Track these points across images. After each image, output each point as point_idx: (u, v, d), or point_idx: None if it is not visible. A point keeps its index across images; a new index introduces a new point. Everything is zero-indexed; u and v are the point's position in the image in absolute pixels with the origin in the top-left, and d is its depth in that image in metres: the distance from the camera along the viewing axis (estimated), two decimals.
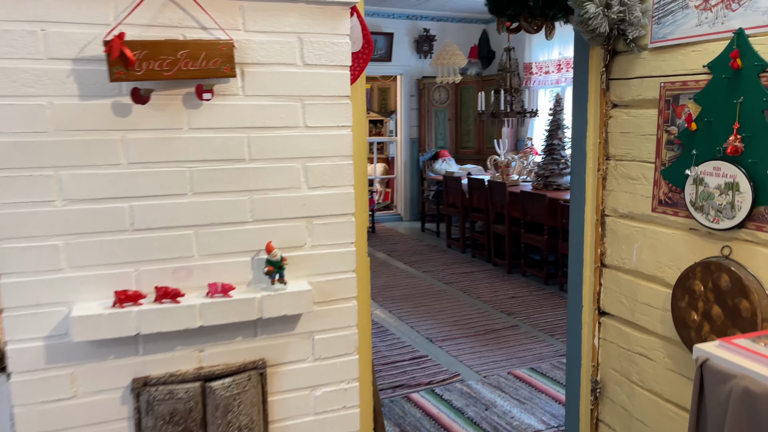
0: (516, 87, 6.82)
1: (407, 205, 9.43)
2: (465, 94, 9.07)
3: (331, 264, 1.74)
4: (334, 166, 1.72)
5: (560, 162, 6.13)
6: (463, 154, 9.18)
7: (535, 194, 5.77)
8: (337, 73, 1.69)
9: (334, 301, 1.76)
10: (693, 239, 2.17)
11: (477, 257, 6.91)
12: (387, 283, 5.93)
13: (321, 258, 1.73)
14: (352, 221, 1.77)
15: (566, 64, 7.76)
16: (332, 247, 1.74)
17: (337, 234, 1.74)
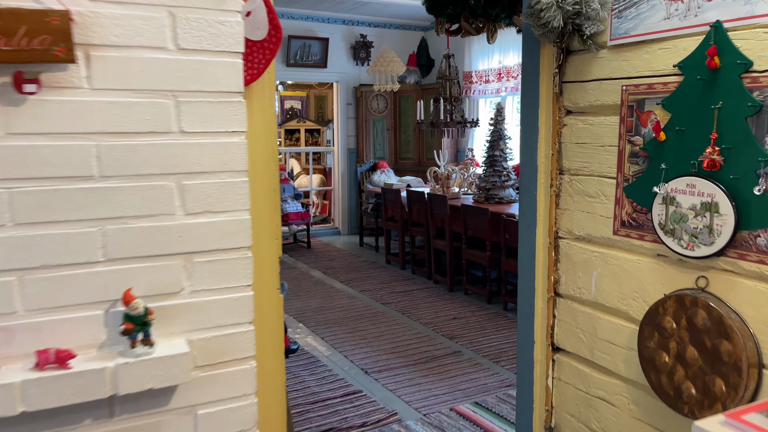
0: (456, 96, 6.54)
1: (345, 219, 9.02)
2: (404, 102, 8.77)
3: (219, 314, 1.32)
4: (223, 185, 1.30)
5: (502, 174, 5.88)
6: (403, 165, 8.87)
7: (476, 208, 5.48)
8: (225, 62, 1.28)
9: (223, 363, 1.33)
10: (662, 268, 1.86)
11: (417, 274, 6.56)
12: (321, 305, 5.49)
13: (205, 307, 1.31)
14: (249, 257, 1.35)
15: (507, 72, 7.57)
16: (221, 292, 1.32)
17: (227, 274, 1.32)
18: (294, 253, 7.81)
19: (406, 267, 6.84)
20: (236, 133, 1.31)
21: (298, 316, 5.15)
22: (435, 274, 6.20)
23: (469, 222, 5.60)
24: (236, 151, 1.30)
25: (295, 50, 8.25)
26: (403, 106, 8.79)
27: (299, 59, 8.31)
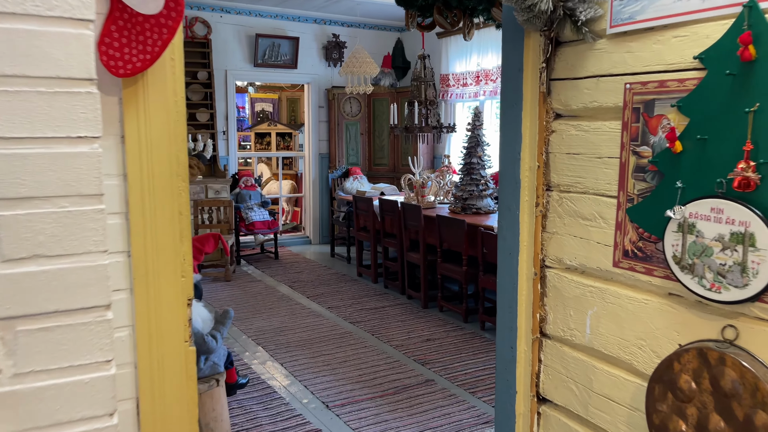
0: (432, 99, 6.17)
1: (316, 227, 8.59)
2: (378, 106, 8.38)
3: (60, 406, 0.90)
4: (62, 217, 0.89)
5: (480, 183, 5.51)
6: (377, 171, 8.47)
7: (452, 219, 5.10)
8: (64, 35, 0.87)
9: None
10: (676, 311, 1.48)
11: (390, 288, 6.16)
12: (284, 325, 5.06)
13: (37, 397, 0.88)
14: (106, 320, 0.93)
15: (485, 75, 7.22)
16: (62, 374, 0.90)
17: (72, 348, 0.90)
18: (260, 264, 7.36)
19: (379, 280, 6.43)
20: (84, 140, 0.89)
21: (258, 338, 4.71)
22: (408, 289, 5.81)
23: (444, 234, 5.23)
24: (84, 167, 0.89)
25: (264, 50, 7.82)
26: (377, 109, 8.40)
27: (268, 59, 7.87)
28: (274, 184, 9.32)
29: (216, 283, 6.45)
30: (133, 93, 1.29)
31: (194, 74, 7.48)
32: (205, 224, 6.81)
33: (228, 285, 6.39)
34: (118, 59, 1.21)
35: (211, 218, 6.82)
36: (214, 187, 7.16)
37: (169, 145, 1.32)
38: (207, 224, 6.82)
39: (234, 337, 4.75)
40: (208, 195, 7.12)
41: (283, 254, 7.92)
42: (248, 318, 5.25)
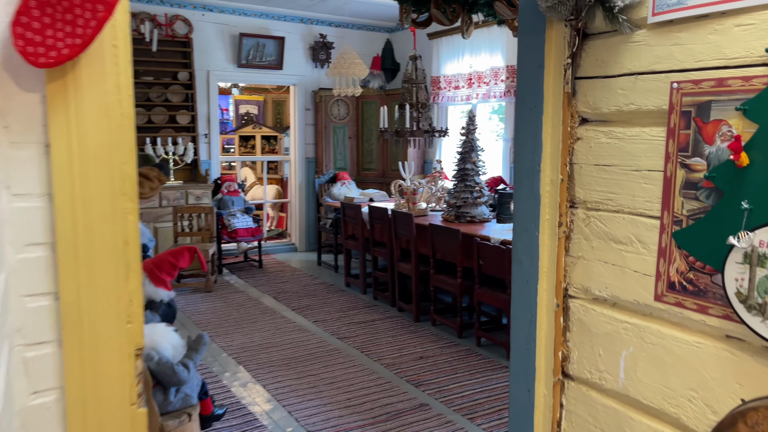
0: (423, 102, 5.91)
1: (302, 234, 8.30)
2: (367, 109, 8.11)
3: None
4: None
5: (474, 190, 5.25)
6: (365, 176, 8.20)
7: (446, 228, 4.83)
8: None
9: None
10: (738, 359, 1.22)
11: (380, 300, 5.88)
12: (268, 341, 4.76)
13: None
14: None
15: (478, 78, 6.98)
16: None
17: None
18: (243, 273, 7.05)
19: (368, 291, 6.15)
20: None
21: (239, 356, 4.41)
22: (399, 301, 5.53)
23: (437, 244, 4.96)
24: None
25: (248, 49, 7.52)
26: (366, 112, 8.13)
27: (252, 59, 7.57)
28: (259, 189, 9.01)
29: (196, 295, 6.13)
30: (60, 88, 1.01)
31: (174, 75, 7.16)
32: (185, 232, 6.49)
33: (209, 296, 6.07)
34: (38, 44, 0.93)
35: (192, 226, 6.50)
36: (195, 193, 6.84)
37: (110, 155, 1.04)
38: (187, 232, 6.50)
39: (213, 355, 4.45)
40: (189, 201, 6.80)
41: (267, 262, 7.61)
42: (229, 333, 4.94)
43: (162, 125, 7.07)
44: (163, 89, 7.09)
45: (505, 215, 5.15)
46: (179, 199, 6.76)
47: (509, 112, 6.69)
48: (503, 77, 6.64)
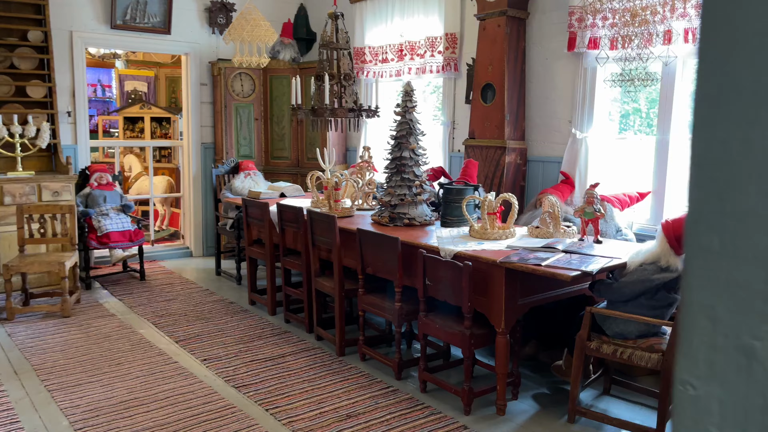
0: (347, 72, 4.68)
1: (198, 236, 6.87)
2: (277, 85, 6.78)
3: None
4: None
5: (413, 184, 4.10)
6: (276, 166, 6.87)
7: (379, 236, 3.65)
8: None
9: None
10: None
11: (293, 325, 4.63)
12: (133, 397, 3.42)
13: None
14: None
15: (411, 49, 5.82)
16: None
17: None
18: (119, 289, 5.57)
19: (278, 312, 4.88)
20: None
21: (85, 424, 3.04)
22: (318, 327, 4.30)
23: (368, 255, 3.77)
24: None
25: (124, 7, 5.99)
26: (276, 89, 6.79)
27: (130, 20, 6.05)
28: (146, 181, 7.47)
29: (47, 322, 4.64)
30: None
31: (23, 34, 5.54)
32: (35, 239, 4.95)
33: (65, 324, 4.60)
34: None
35: (45, 230, 4.97)
36: (52, 187, 5.29)
37: None
38: (38, 239, 4.96)
39: (49, 423, 3.07)
40: (42, 197, 5.25)
41: (154, 272, 6.15)
42: (81, 384, 3.55)
43: (5, 98, 5.44)
44: (7, 52, 5.45)
45: (451, 217, 4.03)
46: (29, 195, 5.19)
47: (448, 89, 5.58)
48: (441, 48, 5.52)
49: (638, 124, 4.58)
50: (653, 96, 4.37)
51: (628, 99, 4.59)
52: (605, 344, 2.99)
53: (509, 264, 3.00)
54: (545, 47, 4.72)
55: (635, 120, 4.60)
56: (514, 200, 3.63)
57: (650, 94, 4.38)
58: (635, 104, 4.59)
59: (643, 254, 2.98)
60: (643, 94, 4.42)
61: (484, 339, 3.22)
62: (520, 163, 4.80)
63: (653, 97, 4.38)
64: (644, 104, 4.56)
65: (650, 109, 4.43)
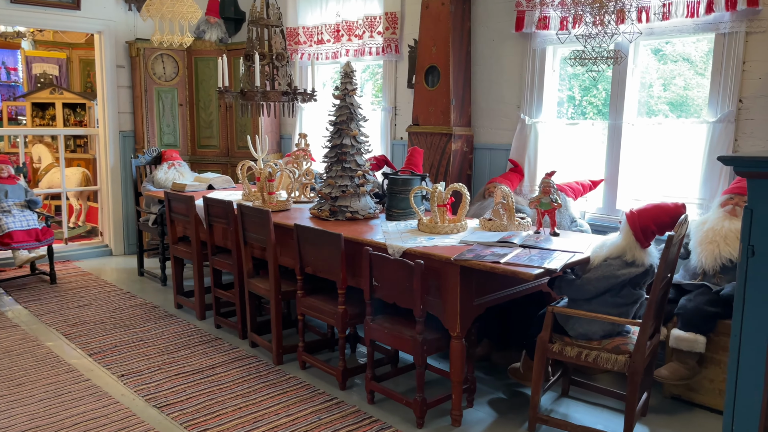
0: (280, 52, 4.27)
1: (119, 233, 6.29)
2: (203, 68, 6.26)
3: None
4: None
5: (355, 174, 3.76)
6: (203, 156, 6.37)
7: (320, 232, 3.29)
8: None
9: None
10: None
11: (225, 330, 4.22)
12: (34, 425, 2.94)
13: None
14: None
15: (348, 29, 5.45)
16: None
17: None
18: (25, 294, 4.97)
19: (207, 316, 4.45)
20: None
21: None
22: (252, 333, 3.91)
23: (308, 253, 3.41)
24: None
25: None
26: (202, 72, 6.27)
27: None
28: (58, 173, 6.78)
29: None
30: None
31: None
32: None
33: None
34: None
35: None
36: None
37: None
38: None
39: None
40: None
41: (67, 274, 5.56)
42: None
43: None
44: None
45: (397, 209, 3.71)
46: None
47: (389, 72, 5.25)
48: (380, 28, 5.19)
49: (570, 112, 4.39)
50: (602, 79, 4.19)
51: (563, 86, 4.40)
52: (568, 346, 2.76)
53: (465, 262, 2.71)
54: (491, 27, 4.47)
55: (580, 105, 4.41)
56: (465, 191, 3.35)
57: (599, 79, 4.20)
58: (569, 92, 4.40)
59: (608, 248, 2.76)
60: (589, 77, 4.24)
61: (438, 344, 2.93)
62: (466, 150, 4.54)
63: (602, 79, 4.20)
64: (577, 91, 4.38)
65: (585, 96, 4.25)
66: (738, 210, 3.14)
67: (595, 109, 4.34)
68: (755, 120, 3.32)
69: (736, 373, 1.87)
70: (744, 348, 1.84)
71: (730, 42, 3.36)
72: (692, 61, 3.89)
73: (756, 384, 1.82)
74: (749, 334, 1.83)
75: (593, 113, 4.32)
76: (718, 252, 3.11)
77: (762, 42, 3.25)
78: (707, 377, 3.08)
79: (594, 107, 4.35)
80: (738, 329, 1.86)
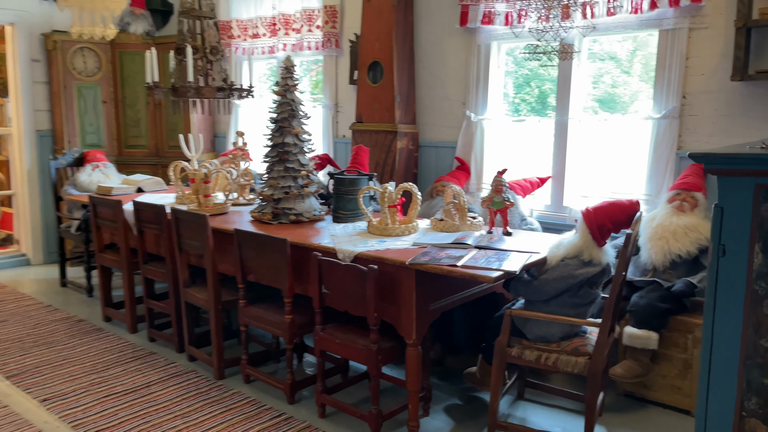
0: (214, 45, 4.01)
1: (38, 240, 5.82)
2: (128, 62, 5.87)
3: None
4: None
5: (299, 175, 3.56)
6: (131, 156, 5.98)
7: (263, 237, 3.09)
8: None
9: None
10: None
11: (160, 344, 3.94)
12: None
13: None
14: None
15: (285, 23, 5.23)
16: None
17: None
18: None
19: (140, 329, 4.14)
20: None
21: None
22: (190, 347, 3.65)
23: (250, 260, 3.19)
24: None
25: None
26: (127, 67, 5.88)
27: None
28: None
29: None
30: None
31: None
32: None
33: None
34: None
35: None
36: None
37: None
38: None
39: None
40: None
41: None
42: None
43: None
44: None
45: (344, 211, 3.55)
46: None
47: (330, 68, 5.07)
48: (319, 22, 5.00)
49: (507, 108, 4.36)
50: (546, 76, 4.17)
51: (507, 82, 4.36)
52: (527, 350, 2.68)
53: (420, 266, 2.58)
54: (435, 22, 4.36)
55: (513, 103, 4.37)
56: (415, 190, 3.22)
57: (543, 75, 4.17)
58: (504, 90, 4.37)
59: (565, 247, 2.70)
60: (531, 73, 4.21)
61: (393, 353, 2.78)
62: (412, 148, 4.42)
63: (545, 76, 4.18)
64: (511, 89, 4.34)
65: (518, 93, 4.23)
66: (685, 205, 3.16)
67: (528, 106, 4.30)
68: (699, 116, 3.35)
69: (708, 377, 1.81)
70: (716, 351, 1.79)
71: (673, 38, 3.38)
72: (618, 60, 3.91)
73: (729, 387, 1.77)
74: (721, 337, 1.78)
75: (527, 111, 4.28)
76: (668, 248, 3.11)
77: (705, 38, 3.29)
78: (660, 373, 3.08)
79: (528, 104, 4.31)
80: (709, 332, 1.80)
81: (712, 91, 3.28)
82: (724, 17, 3.21)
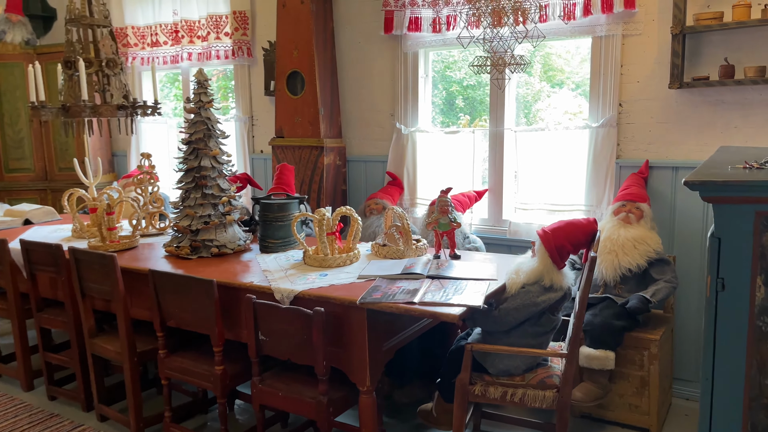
0: (112, 57, 3.52)
1: None
2: (5, 75, 5.17)
3: None
4: None
5: (219, 202, 3.18)
6: (15, 181, 5.27)
7: (184, 278, 2.69)
8: None
9: None
10: None
11: (62, 403, 3.41)
12: None
13: None
14: None
15: (189, 30, 4.77)
16: None
17: None
18: None
19: (36, 386, 3.58)
20: None
21: None
22: (100, 405, 3.16)
23: (169, 303, 2.78)
24: None
25: None
26: (5, 81, 5.18)
27: None
28: None
29: None
30: None
31: None
32: None
33: None
34: None
35: None
36: None
37: None
38: None
39: None
40: None
41: None
42: None
43: None
44: None
45: (273, 240, 3.19)
46: None
47: (241, 77, 4.67)
48: (228, 29, 4.59)
49: (439, 119, 4.20)
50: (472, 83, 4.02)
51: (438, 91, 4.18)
52: (491, 386, 2.47)
53: (374, 305, 2.30)
54: (358, 29, 4.09)
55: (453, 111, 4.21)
56: (354, 214, 2.94)
57: (470, 85, 4.02)
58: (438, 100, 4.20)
59: (524, 273, 2.51)
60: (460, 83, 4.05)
61: (345, 402, 2.49)
62: (339, 164, 4.12)
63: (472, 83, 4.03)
64: (441, 99, 4.19)
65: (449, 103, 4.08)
66: (631, 217, 3.09)
67: (461, 113, 4.15)
68: (635, 124, 3.30)
69: (710, 421, 1.67)
70: (717, 392, 1.65)
71: (606, 45, 3.30)
72: (554, 67, 3.84)
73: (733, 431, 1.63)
74: (723, 377, 1.63)
75: (451, 122, 4.12)
76: (618, 262, 3.02)
77: (638, 45, 3.23)
78: (617, 392, 2.98)
79: (458, 113, 4.16)
80: (710, 371, 1.66)
81: (649, 99, 3.24)
82: (657, 23, 3.16)
